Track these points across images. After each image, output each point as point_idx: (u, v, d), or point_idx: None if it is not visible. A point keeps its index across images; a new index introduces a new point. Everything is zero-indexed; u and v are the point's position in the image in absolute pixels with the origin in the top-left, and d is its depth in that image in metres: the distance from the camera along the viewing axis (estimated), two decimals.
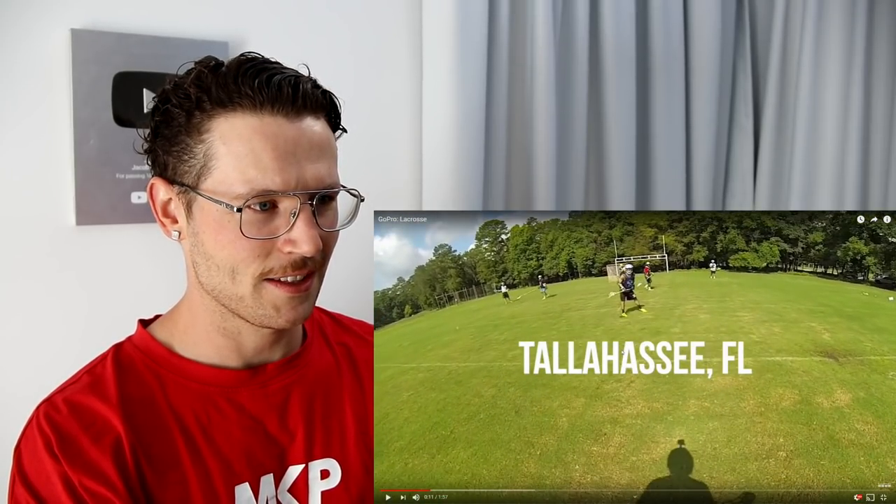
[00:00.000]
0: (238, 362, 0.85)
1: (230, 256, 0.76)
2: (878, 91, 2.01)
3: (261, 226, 0.75)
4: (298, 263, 0.77)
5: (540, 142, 1.62)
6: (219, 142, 0.75)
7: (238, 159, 0.74)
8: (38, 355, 1.21)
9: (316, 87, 0.79)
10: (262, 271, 0.77)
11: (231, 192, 0.74)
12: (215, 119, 0.75)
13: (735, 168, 2.04)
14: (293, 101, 0.75)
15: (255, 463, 0.83)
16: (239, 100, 0.74)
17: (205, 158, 0.75)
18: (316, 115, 0.79)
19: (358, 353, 0.97)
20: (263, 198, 0.74)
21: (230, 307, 0.80)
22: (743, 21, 1.99)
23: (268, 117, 0.75)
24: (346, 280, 1.27)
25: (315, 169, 0.76)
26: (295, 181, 0.75)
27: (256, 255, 0.76)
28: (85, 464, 0.75)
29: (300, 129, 0.76)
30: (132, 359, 0.84)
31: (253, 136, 0.74)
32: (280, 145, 0.74)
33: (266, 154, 0.74)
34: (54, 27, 1.20)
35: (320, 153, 0.77)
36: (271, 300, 0.78)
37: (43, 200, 1.22)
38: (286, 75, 0.76)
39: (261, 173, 0.74)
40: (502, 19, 1.58)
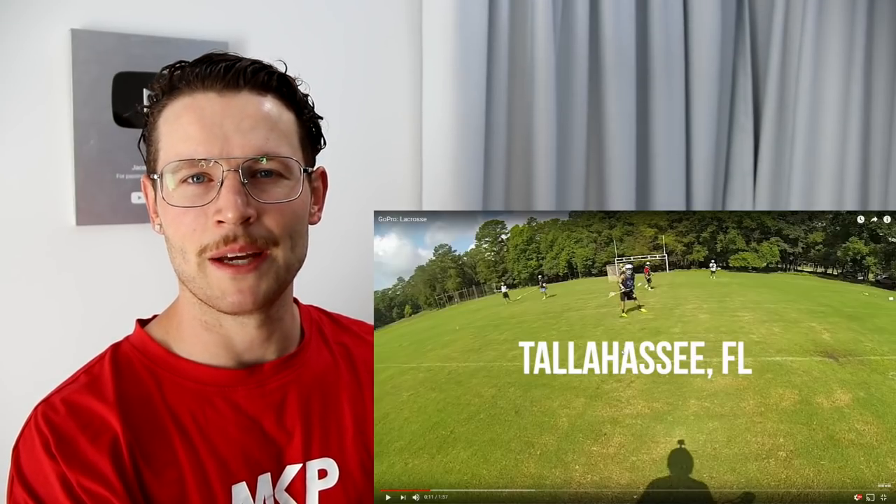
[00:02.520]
0: (231, 360, 0.85)
1: (175, 234, 0.78)
2: (878, 91, 2.01)
3: (194, 199, 0.77)
4: (230, 237, 0.76)
5: (540, 142, 1.62)
6: (162, 127, 0.79)
7: (171, 136, 0.78)
8: (38, 355, 1.21)
9: (261, 69, 0.80)
10: (201, 247, 0.77)
11: (168, 169, 0.77)
12: (165, 109, 0.79)
13: (735, 168, 2.04)
14: (224, 76, 0.77)
15: (252, 462, 0.83)
16: (180, 85, 0.78)
17: (156, 145, 0.80)
18: (258, 93, 0.80)
19: (357, 352, 0.97)
20: (192, 169, 0.76)
21: (192, 290, 0.81)
22: (743, 21, 1.99)
23: (199, 94, 0.78)
24: (346, 280, 1.27)
25: (244, 138, 0.77)
26: (219, 150, 0.76)
27: (193, 230, 0.77)
28: (82, 463, 0.75)
29: (230, 102, 0.78)
30: (130, 358, 0.84)
31: (183, 112, 0.77)
32: (206, 116, 0.77)
33: (192, 126, 0.76)
34: (54, 27, 1.20)
35: (254, 124, 0.78)
36: (216, 281, 0.78)
37: (43, 200, 1.22)
38: (229, 60, 0.79)
39: (187, 145, 0.76)
40: (502, 19, 1.58)
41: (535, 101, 1.62)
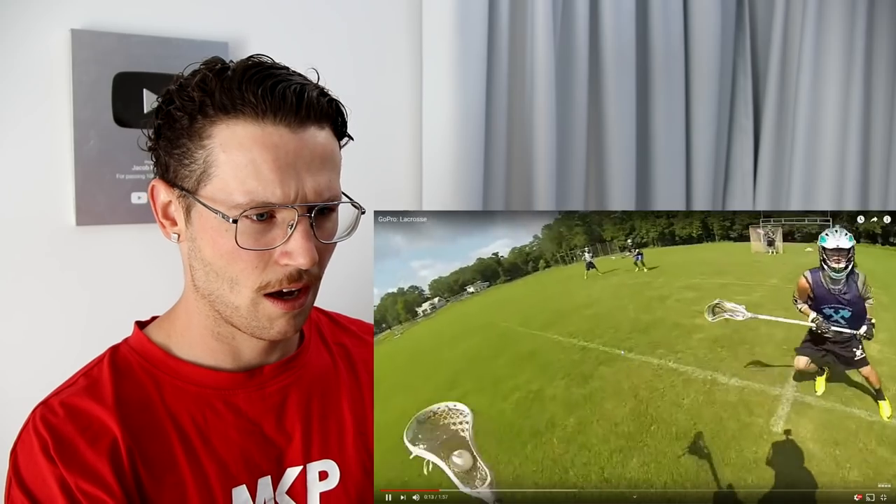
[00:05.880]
0: (234, 365, 0.85)
1: (228, 266, 0.76)
2: (878, 91, 2.01)
3: (258, 236, 0.75)
4: (294, 276, 0.77)
5: (540, 142, 1.62)
6: (219, 149, 0.73)
7: (238, 169, 0.73)
8: (38, 355, 1.20)
9: (322, 94, 0.77)
10: (260, 284, 0.76)
11: (230, 201, 0.73)
12: (217, 125, 0.74)
13: (735, 168, 2.04)
14: (297, 110, 0.74)
15: (253, 465, 0.83)
16: (242, 107, 0.73)
17: (205, 164, 0.74)
18: (320, 125, 0.77)
19: (356, 353, 0.97)
20: (262, 209, 0.74)
21: (224, 314, 0.80)
22: (743, 21, 1.99)
23: (270, 126, 0.73)
24: (346, 280, 1.27)
25: (315, 181, 0.75)
26: (294, 194, 0.74)
27: (254, 267, 0.75)
28: (81, 467, 0.75)
29: (302, 140, 0.74)
30: (129, 361, 0.84)
31: (254, 145, 0.73)
32: (281, 157, 0.73)
33: (266, 165, 0.73)
34: (54, 27, 1.20)
35: (322, 165, 0.76)
36: (267, 314, 0.78)
37: (43, 200, 1.22)
38: (291, 83, 0.74)
39: (261, 185, 0.72)
40: (502, 19, 1.58)
41: (535, 101, 1.61)
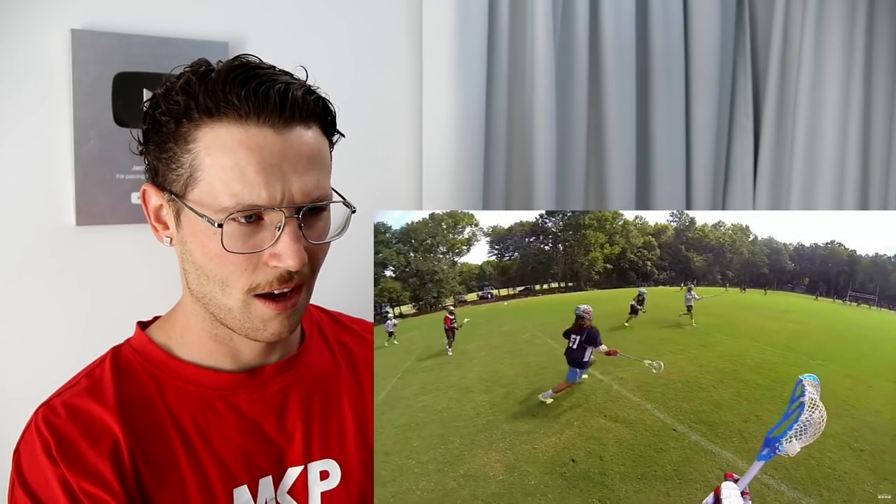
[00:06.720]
0: (234, 365, 0.85)
1: (218, 269, 0.75)
2: (878, 91, 2.01)
3: (246, 239, 0.74)
4: (285, 277, 0.76)
5: (540, 142, 1.62)
6: (204, 153, 0.73)
7: (223, 172, 0.72)
8: (38, 355, 1.21)
9: (309, 93, 0.76)
10: (251, 286, 0.76)
11: (216, 204, 0.72)
12: (202, 129, 0.73)
13: (735, 168, 2.04)
14: (281, 111, 0.73)
15: (254, 465, 0.83)
16: (225, 109, 0.72)
17: (191, 169, 0.74)
18: (306, 124, 0.76)
19: (357, 352, 0.97)
20: (248, 211, 0.73)
21: (218, 316, 0.80)
22: (743, 21, 1.99)
23: (254, 128, 0.72)
24: (346, 280, 1.27)
25: (302, 182, 0.74)
26: (280, 195, 0.73)
27: (243, 269, 0.75)
28: (83, 467, 0.75)
29: (287, 141, 0.73)
30: (130, 362, 0.84)
31: (238, 148, 0.72)
32: (266, 158, 0.72)
33: (251, 168, 0.72)
34: (54, 27, 1.20)
35: (309, 165, 0.75)
36: (259, 315, 0.78)
37: (43, 200, 1.22)
38: (275, 83, 0.73)
39: (246, 188, 0.72)
40: (502, 19, 1.58)
41: (535, 101, 1.62)
